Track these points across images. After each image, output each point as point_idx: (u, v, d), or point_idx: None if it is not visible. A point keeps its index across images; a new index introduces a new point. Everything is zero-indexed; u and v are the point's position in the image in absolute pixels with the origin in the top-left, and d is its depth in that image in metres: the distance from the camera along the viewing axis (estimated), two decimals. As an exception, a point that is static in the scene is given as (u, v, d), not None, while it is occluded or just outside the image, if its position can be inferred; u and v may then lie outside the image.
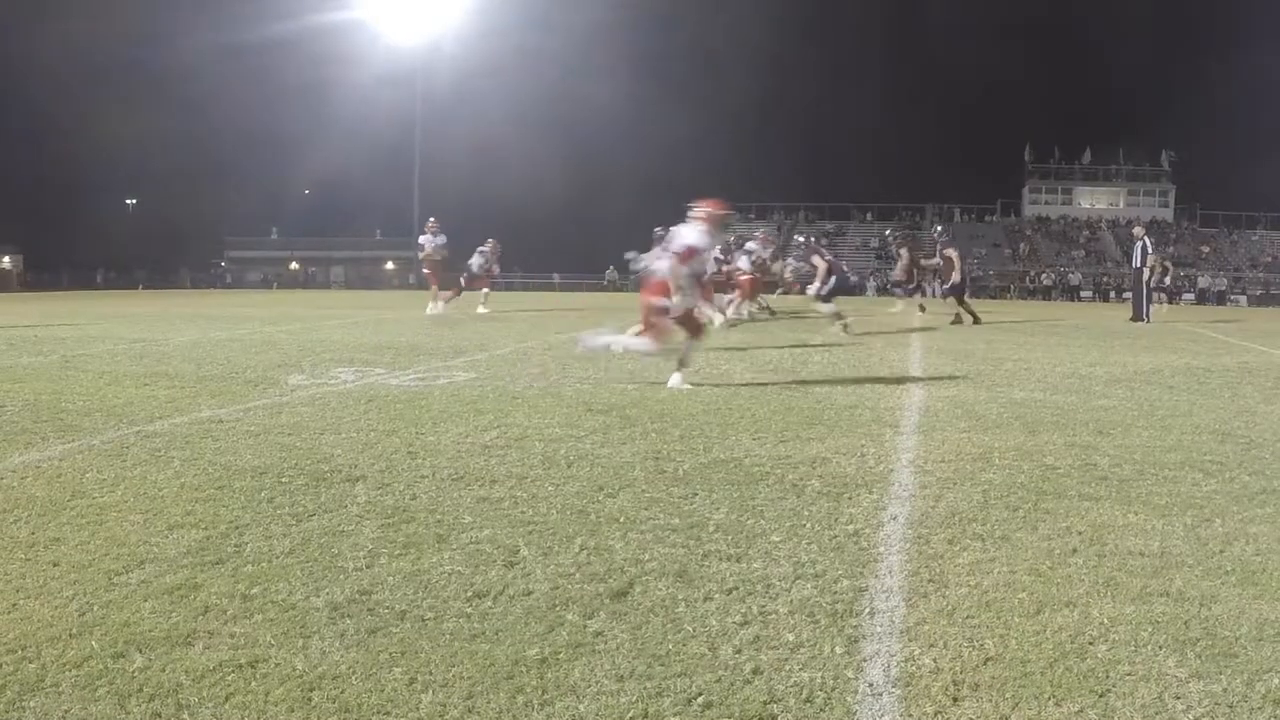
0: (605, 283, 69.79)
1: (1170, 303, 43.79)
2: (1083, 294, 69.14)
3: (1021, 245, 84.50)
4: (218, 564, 4.90)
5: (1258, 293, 68.93)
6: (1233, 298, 69.15)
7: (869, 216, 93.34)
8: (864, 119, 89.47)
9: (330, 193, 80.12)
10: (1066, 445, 8.23)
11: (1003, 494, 6.49)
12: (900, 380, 12.66)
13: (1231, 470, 7.43)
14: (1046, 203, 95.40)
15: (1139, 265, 28.75)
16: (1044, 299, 65.48)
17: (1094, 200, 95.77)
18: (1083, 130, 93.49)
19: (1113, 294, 66.02)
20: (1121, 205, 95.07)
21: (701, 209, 11.58)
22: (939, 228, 35.07)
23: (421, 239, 29.53)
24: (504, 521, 5.66)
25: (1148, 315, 27.92)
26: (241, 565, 4.89)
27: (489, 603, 4.42)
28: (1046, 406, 10.46)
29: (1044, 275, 74.12)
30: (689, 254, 11.28)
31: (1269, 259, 79.21)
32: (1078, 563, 5.14)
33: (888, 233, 63.75)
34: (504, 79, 64.53)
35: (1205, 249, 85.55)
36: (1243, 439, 8.78)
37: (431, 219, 29.47)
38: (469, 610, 4.33)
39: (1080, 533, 5.67)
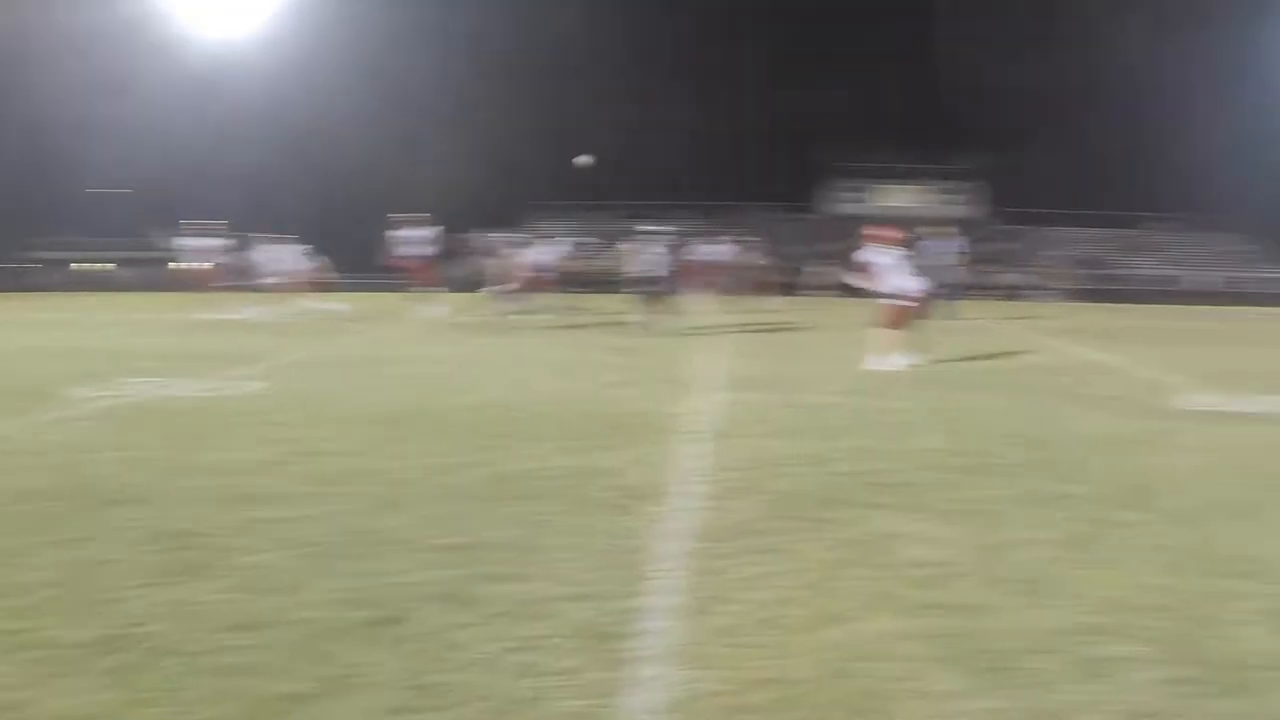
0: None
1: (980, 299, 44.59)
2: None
3: (826, 243, 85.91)
4: (-25, 599, 4.62)
5: (1065, 288, 70.93)
6: (1036, 292, 71.07)
7: (677, 212, 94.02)
8: (680, 116, 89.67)
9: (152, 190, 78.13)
10: (858, 451, 8.30)
11: (789, 503, 6.51)
12: (703, 384, 12.67)
13: (1018, 474, 7.60)
14: (851, 200, 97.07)
15: (950, 264, 29.25)
16: (846, 295, 66.35)
17: (899, 198, 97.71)
18: (894, 129, 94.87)
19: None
20: (926, 203, 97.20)
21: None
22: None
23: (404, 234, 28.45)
24: (281, 544, 5.49)
25: (955, 313, 28.38)
26: (1, 599, 4.65)
27: (258, 634, 4.26)
28: (843, 410, 10.58)
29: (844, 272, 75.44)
30: None
31: (1077, 254, 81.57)
32: (857, 575, 5.17)
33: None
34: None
35: (1014, 245, 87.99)
36: (1031, 442, 8.95)
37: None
38: (238, 642, 4.17)
39: (862, 543, 5.70)
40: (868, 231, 15.98)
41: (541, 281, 25.69)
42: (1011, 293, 72.42)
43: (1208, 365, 16.14)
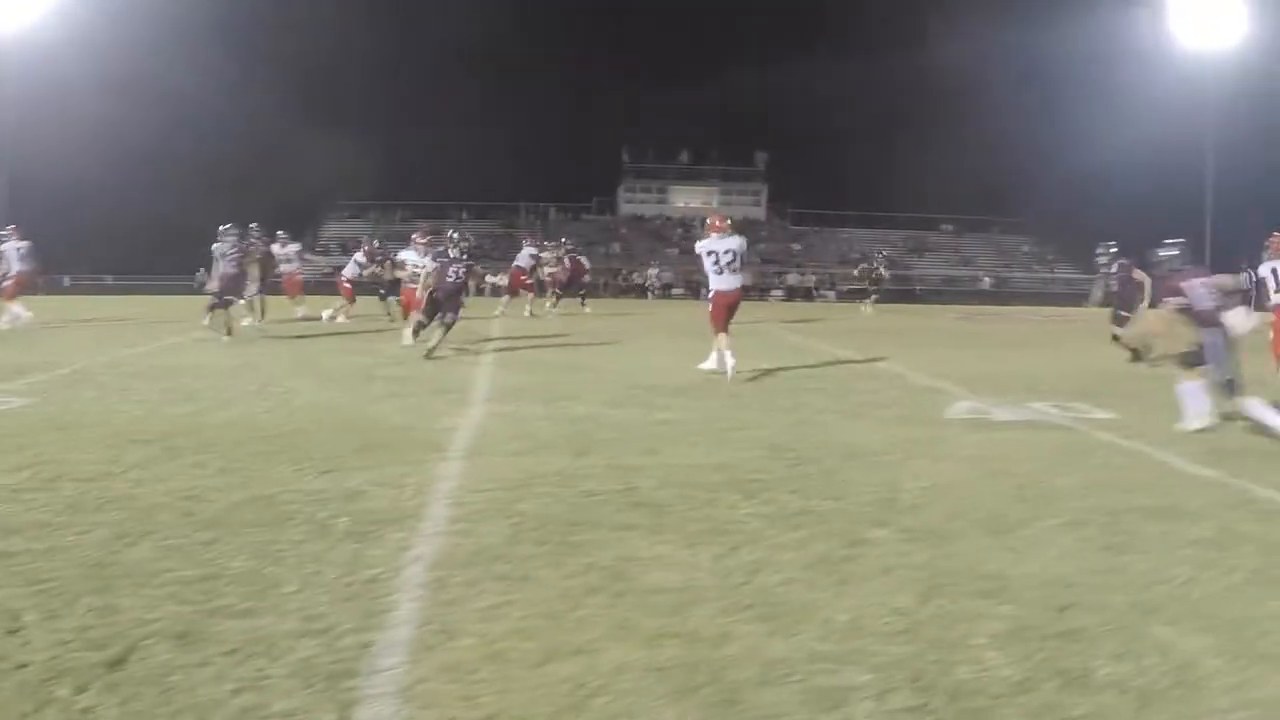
0: (195, 285, 66.47)
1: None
2: (674, 291, 70.76)
3: (615, 244, 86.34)
4: None
5: (845, 289, 72.17)
6: (821, 293, 72.18)
7: (465, 215, 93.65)
8: (460, 115, 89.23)
9: None
10: (612, 467, 8.29)
11: (535, 526, 6.47)
12: (464, 396, 12.64)
13: (773, 489, 7.63)
14: (642, 201, 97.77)
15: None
16: (638, 297, 66.79)
17: (688, 199, 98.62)
18: (680, 131, 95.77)
19: (703, 290, 67.77)
20: (715, 204, 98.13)
21: None
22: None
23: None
24: (15, 580, 5.29)
25: None
26: None
27: (-27, 681, 4.07)
28: (604, 423, 10.60)
29: (635, 274, 75.79)
30: None
31: (857, 255, 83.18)
32: (596, 603, 5.14)
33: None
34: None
35: (796, 246, 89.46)
36: (793, 454, 9.04)
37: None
38: (-50, 692, 3.98)
39: (605, 568, 5.67)
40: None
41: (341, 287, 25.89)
42: (791, 292, 73.83)
43: (981, 370, 16.79)
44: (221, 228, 21.82)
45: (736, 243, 15.47)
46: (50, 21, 56.98)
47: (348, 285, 27.55)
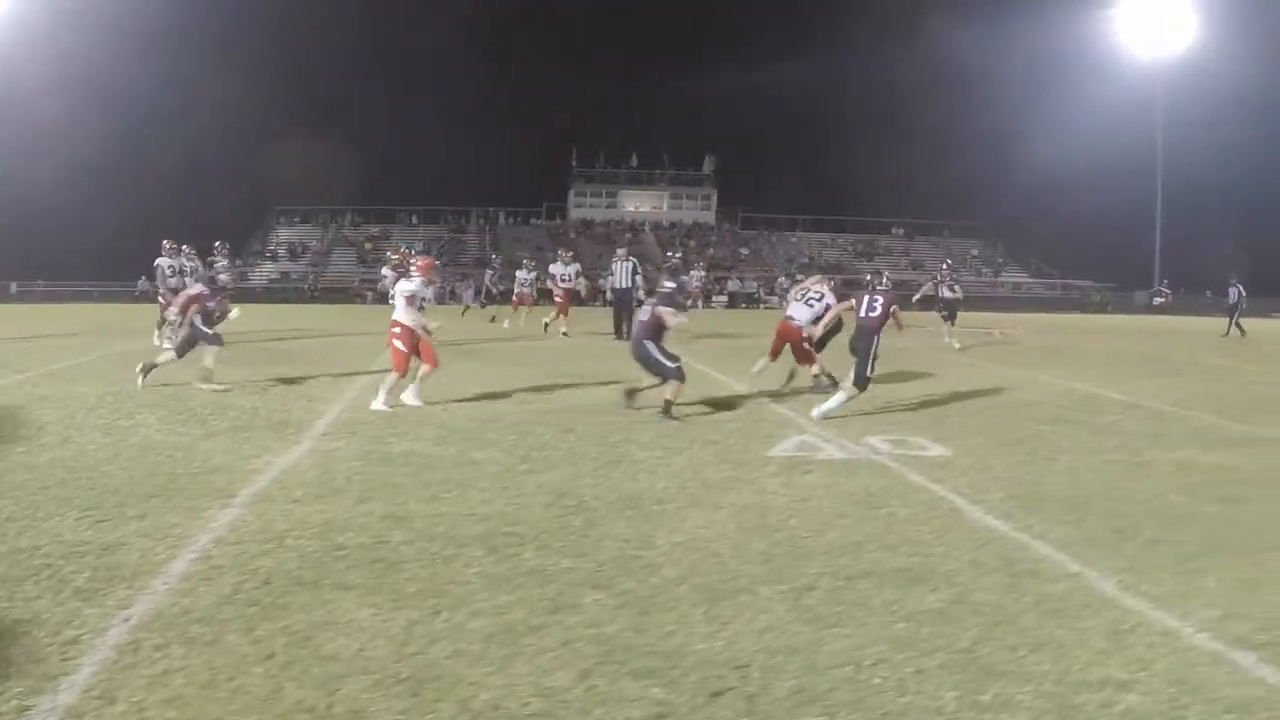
0: (137, 293, 65.53)
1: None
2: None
3: (563, 249, 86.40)
4: None
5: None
6: (766, 299, 72.13)
7: (414, 219, 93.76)
8: (410, 120, 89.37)
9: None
10: (383, 517, 8.34)
11: (259, 585, 6.57)
12: (301, 431, 12.63)
13: (522, 545, 7.67)
14: (591, 205, 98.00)
15: (626, 285, 29.83)
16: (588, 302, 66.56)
17: (638, 203, 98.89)
18: (629, 135, 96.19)
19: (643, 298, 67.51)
20: (665, 208, 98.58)
21: None
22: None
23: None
24: None
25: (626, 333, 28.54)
26: None
27: None
28: (413, 463, 10.65)
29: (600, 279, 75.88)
30: None
31: (806, 260, 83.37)
32: (259, 671, 5.25)
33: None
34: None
35: (744, 251, 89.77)
36: (573, 503, 9.04)
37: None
38: None
39: (296, 633, 5.76)
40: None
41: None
42: (733, 298, 73.92)
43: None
44: (167, 243, 22.00)
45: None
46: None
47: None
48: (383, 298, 30.02)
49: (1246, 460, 11.85)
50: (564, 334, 30.52)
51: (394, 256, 25.00)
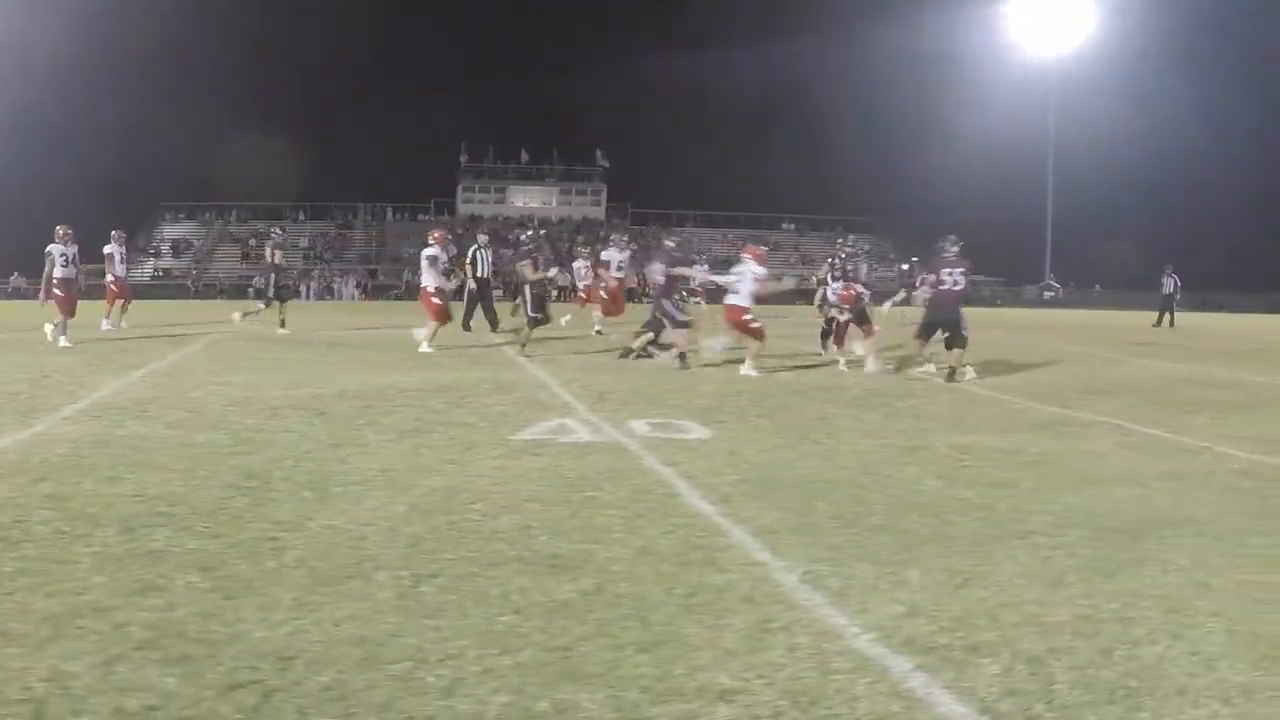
0: (10, 290, 64.26)
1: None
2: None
3: (452, 245, 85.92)
4: None
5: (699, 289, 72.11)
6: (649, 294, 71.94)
7: (302, 216, 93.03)
8: (297, 116, 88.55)
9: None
10: (45, 496, 7.95)
11: None
12: (46, 413, 12.27)
13: (166, 525, 7.26)
14: (480, 201, 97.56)
15: (484, 275, 29.37)
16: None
17: (527, 199, 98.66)
18: (520, 131, 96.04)
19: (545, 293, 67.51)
20: (554, 204, 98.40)
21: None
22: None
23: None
24: None
25: (467, 325, 28.28)
26: None
27: None
28: (129, 444, 10.27)
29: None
30: None
31: (695, 255, 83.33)
32: None
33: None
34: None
35: (634, 246, 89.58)
36: (256, 484, 8.55)
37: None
38: None
39: None
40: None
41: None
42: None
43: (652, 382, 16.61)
44: (60, 229, 21.56)
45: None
46: None
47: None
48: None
49: (1037, 444, 11.57)
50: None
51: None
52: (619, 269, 28.13)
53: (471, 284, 29.03)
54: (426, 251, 22.30)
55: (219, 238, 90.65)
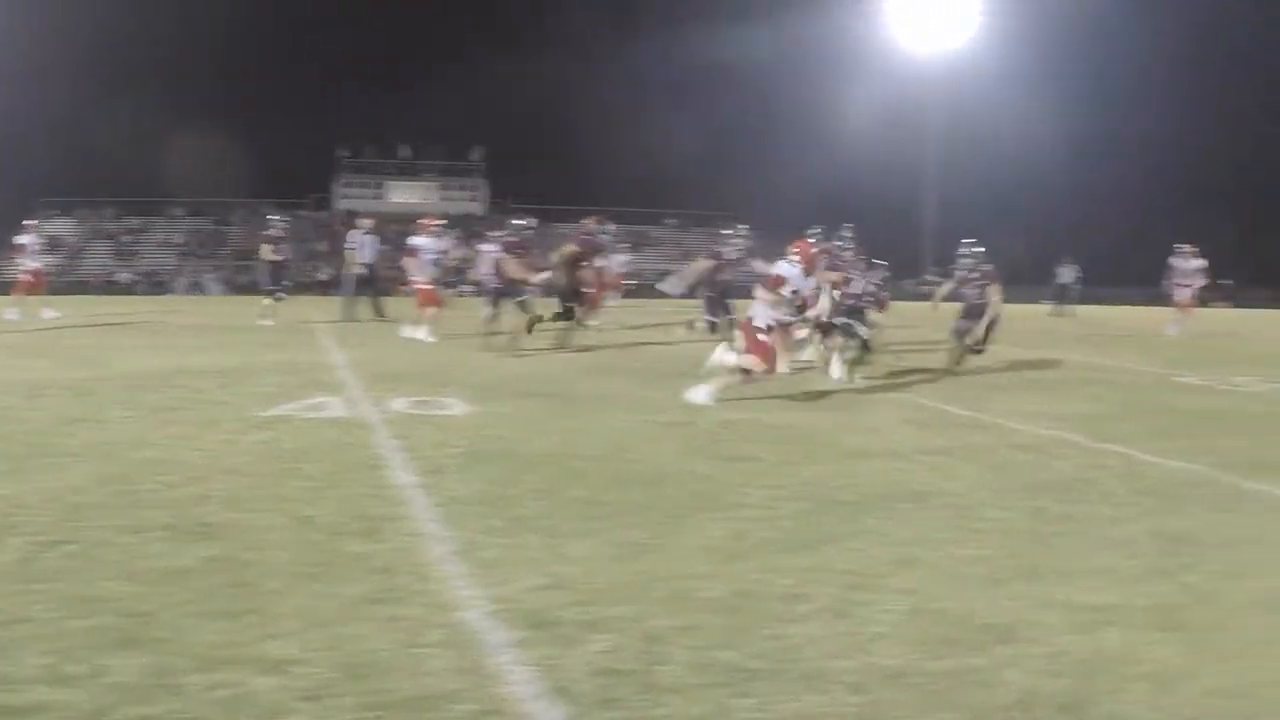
0: None
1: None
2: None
3: (325, 241, 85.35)
4: None
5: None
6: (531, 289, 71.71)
7: (179, 212, 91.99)
8: (172, 109, 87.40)
9: None
10: None
11: None
12: None
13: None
14: (358, 197, 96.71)
15: (372, 260, 28.94)
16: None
17: (406, 195, 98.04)
18: (400, 127, 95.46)
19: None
20: (435, 200, 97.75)
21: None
22: None
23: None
24: None
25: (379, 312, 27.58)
26: None
27: None
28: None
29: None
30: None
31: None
32: None
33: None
34: None
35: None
36: (124, 482, 7.68)
37: None
38: None
39: None
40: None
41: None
42: (479, 288, 73.15)
43: (431, 367, 16.10)
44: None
45: None
46: None
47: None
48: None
49: (811, 419, 11.28)
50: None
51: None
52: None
53: (362, 270, 28.88)
54: (412, 240, 22.39)
55: (90, 234, 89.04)
